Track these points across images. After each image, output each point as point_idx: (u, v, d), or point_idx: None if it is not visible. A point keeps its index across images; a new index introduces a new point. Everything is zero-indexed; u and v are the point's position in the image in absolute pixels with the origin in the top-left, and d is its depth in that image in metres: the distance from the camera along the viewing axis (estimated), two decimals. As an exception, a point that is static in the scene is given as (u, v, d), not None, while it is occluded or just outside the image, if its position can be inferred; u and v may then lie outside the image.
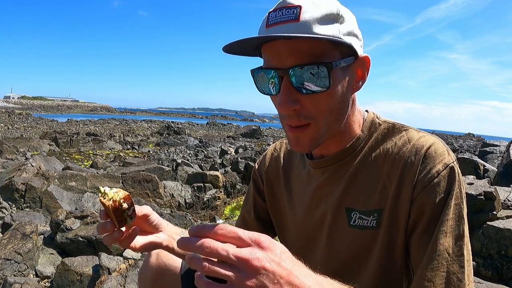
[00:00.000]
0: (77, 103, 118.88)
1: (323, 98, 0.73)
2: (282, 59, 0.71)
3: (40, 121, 27.83)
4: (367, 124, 0.84)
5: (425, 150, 0.76)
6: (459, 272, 0.70)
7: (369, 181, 0.81)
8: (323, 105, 0.74)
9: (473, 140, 24.22)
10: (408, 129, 0.82)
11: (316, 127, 0.75)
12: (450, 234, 0.71)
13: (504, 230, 2.70)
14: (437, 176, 0.73)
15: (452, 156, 0.76)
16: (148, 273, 1.06)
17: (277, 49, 0.71)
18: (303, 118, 0.74)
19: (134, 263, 2.65)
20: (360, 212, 0.81)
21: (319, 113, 0.74)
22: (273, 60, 0.73)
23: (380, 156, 0.81)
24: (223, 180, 5.86)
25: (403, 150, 0.78)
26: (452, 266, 0.70)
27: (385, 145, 0.81)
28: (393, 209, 0.77)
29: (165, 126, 21.81)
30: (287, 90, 0.72)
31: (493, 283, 2.11)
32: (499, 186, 3.51)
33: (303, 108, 0.73)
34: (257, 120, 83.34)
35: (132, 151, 12.32)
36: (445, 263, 0.70)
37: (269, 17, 0.73)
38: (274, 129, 29.94)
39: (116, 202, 0.74)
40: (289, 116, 0.74)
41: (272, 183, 1.02)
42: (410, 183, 0.75)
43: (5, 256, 2.59)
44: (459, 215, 0.72)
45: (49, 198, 4.41)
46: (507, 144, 8.44)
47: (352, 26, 0.75)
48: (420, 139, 0.78)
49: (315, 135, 0.76)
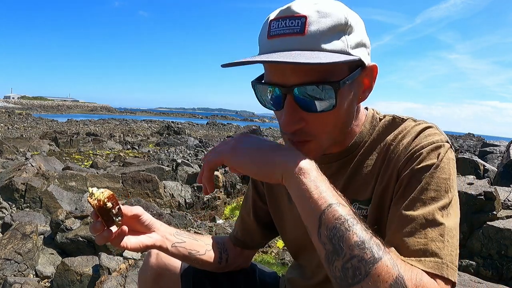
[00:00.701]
0: (77, 103, 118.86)
1: (328, 116, 0.70)
2: (286, 76, 0.67)
3: (40, 121, 27.83)
4: (368, 120, 0.84)
5: (418, 132, 0.75)
6: (438, 240, 0.63)
7: (368, 172, 0.80)
8: (328, 123, 0.72)
9: (473, 140, 24.20)
10: (406, 119, 0.81)
11: (319, 143, 0.74)
12: (433, 203, 0.66)
13: (504, 230, 2.70)
14: (421, 149, 0.71)
15: (443, 138, 0.73)
16: (148, 273, 1.06)
17: (280, 66, 0.67)
18: (305, 135, 0.72)
19: (134, 263, 2.65)
20: (359, 203, 0.81)
21: (323, 131, 0.72)
22: (276, 76, 0.69)
23: (381, 147, 0.80)
24: (223, 180, 5.85)
25: (398, 138, 0.77)
26: (431, 232, 0.63)
27: (385, 137, 0.81)
28: (382, 190, 0.76)
29: (165, 126, 21.80)
30: (291, 109, 0.68)
31: (493, 283, 2.11)
32: (499, 186, 3.51)
33: (307, 126, 0.71)
34: (257, 120, 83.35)
35: (132, 151, 12.31)
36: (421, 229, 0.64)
37: (270, 26, 0.68)
38: (274, 129, 29.93)
39: (101, 202, 0.75)
40: (292, 133, 0.72)
41: (272, 184, 1.01)
42: (398, 163, 0.74)
43: (5, 256, 2.59)
44: (445, 190, 0.67)
45: (49, 198, 4.41)
46: (507, 144, 8.44)
47: (360, 34, 0.71)
48: (415, 127, 0.77)
49: (318, 149, 0.75)
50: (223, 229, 3.94)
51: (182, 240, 0.96)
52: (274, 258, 3.31)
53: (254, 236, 1.08)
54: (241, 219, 1.10)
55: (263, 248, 3.44)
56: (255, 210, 1.06)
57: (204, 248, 1.02)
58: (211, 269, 1.06)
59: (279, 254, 3.36)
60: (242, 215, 1.10)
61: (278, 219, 1.02)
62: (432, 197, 0.67)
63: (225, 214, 5.14)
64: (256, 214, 1.06)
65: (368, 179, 0.80)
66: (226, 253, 1.07)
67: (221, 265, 1.06)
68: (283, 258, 3.22)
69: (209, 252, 1.03)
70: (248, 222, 1.08)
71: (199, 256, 1.00)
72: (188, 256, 0.98)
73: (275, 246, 3.51)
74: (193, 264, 1.02)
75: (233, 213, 5.11)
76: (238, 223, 1.12)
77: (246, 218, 1.08)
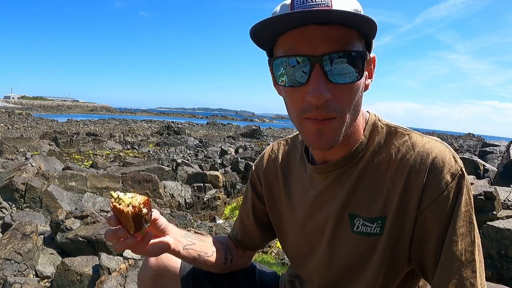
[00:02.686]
0: (77, 103, 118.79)
1: (351, 90, 0.71)
2: (315, 45, 0.67)
3: (40, 121, 27.81)
4: (369, 128, 0.82)
5: (431, 159, 0.74)
6: (472, 277, 0.71)
7: (372, 187, 0.79)
8: (351, 98, 0.72)
9: (473, 140, 24.20)
10: (411, 133, 0.80)
11: (341, 121, 0.72)
12: (461, 242, 0.71)
13: (504, 230, 2.69)
14: (446, 188, 0.72)
15: (459, 163, 0.74)
16: (148, 274, 1.06)
17: (309, 35, 0.67)
18: (332, 110, 0.70)
19: (134, 263, 2.65)
20: (363, 219, 0.79)
21: (347, 107, 0.71)
22: (303, 46, 0.68)
23: (384, 161, 0.79)
24: (223, 180, 5.85)
25: (407, 157, 0.76)
26: (465, 272, 0.71)
27: (388, 150, 0.79)
28: (397, 217, 0.75)
29: (165, 126, 21.79)
30: (320, 78, 0.67)
31: (493, 283, 2.11)
32: (499, 186, 3.51)
33: (333, 98, 0.69)
34: (257, 120, 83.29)
35: (132, 151, 12.31)
36: (457, 270, 0.70)
37: (293, 3, 0.68)
38: (274, 129, 29.92)
39: (136, 208, 0.70)
40: (318, 107, 0.69)
41: (271, 184, 1.00)
42: (416, 193, 0.73)
43: (5, 256, 2.59)
44: (469, 221, 0.72)
45: (49, 198, 4.41)
46: (507, 144, 8.43)
47: None
48: (425, 146, 0.76)
49: (339, 130, 0.72)
50: (223, 229, 3.94)
51: (192, 242, 0.95)
52: (274, 258, 3.31)
53: (253, 238, 1.08)
54: (240, 220, 1.09)
55: (263, 248, 3.44)
56: (255, 212, 1.05)
57: (211, 249, 1.01)
58: (216, 270, 1.05)
59: (279, 254, 3.36)
60: (241, 216, 1.09)
61: (276, 221, 1.01)
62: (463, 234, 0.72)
63: (225, 214, 5.14)
64: (256, 216, 1.05)
65: (372, 196, 0.79)
66: (231, 254, 1.06)
67: (226, 266, 1.05)
68: (283, 258, 3.22)
69: (215, 253, 1.02)
70: (248, 224, 1.07)
71: (207, 257, 0.99)
72: (197, 258, 0.96)
73: (275, 246, 3.51)
74: (200, 266, 1.01)
75: (233, 213, 5.10)
76: (237, 224, 1.11)
77: (245, 220, 1.07)
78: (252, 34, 0.71)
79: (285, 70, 0.71)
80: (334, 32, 0.66)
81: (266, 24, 0.68)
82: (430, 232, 0.74)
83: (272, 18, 0.67)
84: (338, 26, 0.66)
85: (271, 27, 0.69)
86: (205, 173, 5.87)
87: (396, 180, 0.76)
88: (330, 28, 0.66)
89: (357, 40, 0.69)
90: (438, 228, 0.73)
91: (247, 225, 1.07)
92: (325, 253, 0.87)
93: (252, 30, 0.70)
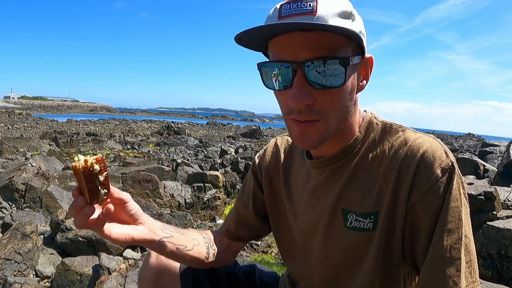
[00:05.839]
0: (77, 103, 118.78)
1: (336, 94, 0.71)
2: (297, 51, 0.69)
3: (40, 121, 27.81)
4: (365, 124, 0.83)
5: (421, 153, 0.74)
6: (455, 276, 0.69)
7: (366, 182, 0.80)
8: (336, 102, 0.72)
9: (473, 140, 24.20)
10: (405, 129, 0.81)
11: (326, 123, 0.73)
12: (447, 238, 0.70)
13: (504, 230, 2.69)
14: (436, 183, 0.72)
15: (450, 158, 0.74)
16: (148, 273, 1.06)
17: (292, 41, 0.69)
18: (314, 114, 0.72)
19: (134, 263, 2.65)
20: (356, 214, 0.80)
21: (331, 110, 0.73)
22: (286, 52, 0.70)
23: (377, 157, 0.80)
24: (223, 180, 5.85)
25: (399, 152, 0.77)
26: (449, 269, 0.70)
27: (382, 146, 0.80)
28: (389, 212, 0.76)
29: (165, 126, 21.79)
30: (301, 84, 0.69)
31: (493, 283, 2.11)
32: (499, 186, 3.51)
33: (315, 103, 0.71)
34: (257, 120, 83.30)
35: (132, 151, 12.31)
36: (442, 267, 0.70)
37: (281, 9, 0.70)
38: (274, 129, 29.92)
39: (87, 162, 0.67)
40: (300, 111, 0.72)
41: (272, 177, 1.01)
42: (406, 186, 0.74)
43: (5, 256, 2.59)
44: (458, 217, 0.71)
45: (49, 198, 4.40)
46: (507, 144, 8.44)
47: (361, 26, 0.74)
48: (417, 140, 0.76)
49: (324, 131, 0.74)
50: (223, 229, 3.94)
51: (170, 235, 0.91)
52: (274, 258, 3.31)
53: (249, 227, 1.07)
54: (236, 212, 1.09)
55: (263, 248, 3.44)
56: (255, 202, 1.04)
57: (191, 242, 0.98)
58: (196, 265, 1.03)
59: (279, 254, 3.36)
60: (237, 208, 1.09)
61: (274, 213, 1.01)
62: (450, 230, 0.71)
63: (225, 214, 5.14)
64: (256, 206, 1.04)
65: (365, 191, 0.79)
66: (213, 249, 1.04)
67: (207, 261, 1.02)
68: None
69: (197, 247, 0.99)
70: (245, 215, 1.06)
71: (187, 251, 0.95)
72: (175, 252, 0.92)
73: (275, 246, 3.51)
74: (179, 260, 0.98)
75: (233, 213, 5.10)
76: (231, 216, 1.10)
77: (243, 211, 1.07)
78: (237, 41, 0.74)
79: (271, 74, 0.74)
80: (317, 39, 0.68)
81: (248, 35, 0.71)
82: (420, 227, 0.74)
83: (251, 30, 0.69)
84: (321, 32, 0.67)
85: (254, 36, 0.72)
86: (205, 173, 5.87)
87: (388, 175, 0.77)
88: (313, 34, 0.67)
89: (344, 44, 0.70)
90: (427, 223, 0.73)
91: (243, 215, 1.06)
92: (320, 247, 0.87)
93: (236, 38, 0.73)
